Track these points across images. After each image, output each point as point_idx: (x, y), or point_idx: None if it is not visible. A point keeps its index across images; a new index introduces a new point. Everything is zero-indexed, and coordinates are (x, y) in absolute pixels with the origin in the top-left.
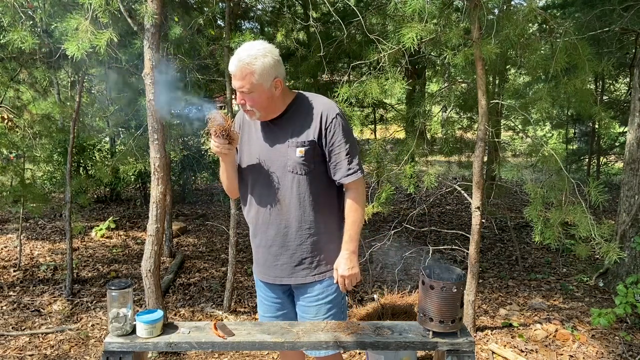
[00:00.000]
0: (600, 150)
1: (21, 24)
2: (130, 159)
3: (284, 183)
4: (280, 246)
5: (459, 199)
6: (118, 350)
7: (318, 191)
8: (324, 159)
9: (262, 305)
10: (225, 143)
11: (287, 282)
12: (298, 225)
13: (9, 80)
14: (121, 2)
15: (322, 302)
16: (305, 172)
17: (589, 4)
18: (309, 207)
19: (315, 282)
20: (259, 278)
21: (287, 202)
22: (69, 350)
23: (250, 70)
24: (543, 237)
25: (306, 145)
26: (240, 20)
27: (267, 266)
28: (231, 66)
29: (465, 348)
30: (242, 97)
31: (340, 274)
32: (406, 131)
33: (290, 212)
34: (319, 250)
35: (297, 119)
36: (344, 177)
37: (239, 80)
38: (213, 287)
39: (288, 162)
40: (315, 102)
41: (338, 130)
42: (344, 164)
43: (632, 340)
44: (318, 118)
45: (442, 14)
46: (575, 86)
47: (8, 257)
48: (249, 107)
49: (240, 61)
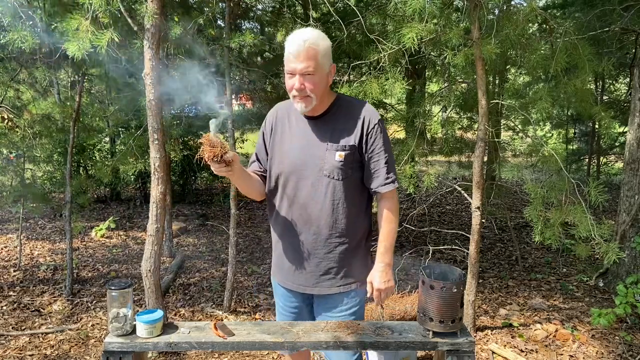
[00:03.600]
0: (600, 150)
1: (21, 24)
2: (130, 159)
3: (319, 187)
4: (308, 253)
5: (459, 199)
6: (118, 350)
7: (351, 199)
8: (361, 166)
9: (280, 313)
10: (221, 166)
11: (310, 291)
12: (329, 233)
13: (9, 80)
14: (121, 2)
15: (346, 314)
16: (342, 178)
17: (589, 4)
18: (342, 215)
19: (340, 293)
20: (280, 284)
21: (319, 207)
22: (69, 350)
23: (316, 49)
24: (543, 237)
25: (347, 150)
26: (240, 20)
27: (292, 273)
28: (294, 46)
29: (465, 348)
30: (303, 80)
31: (377, 287)
32: (406, 131)
33: (321, 218)
34: (346, 260)
35: (338, 121)
36: (382, 186)
37: (304, 60)
38: (213, 287)
39: (325, 166)
40: (357, 105)
41: (379, 137)
42: (382, 172)
43: (632, 340)
44: (360, 122)
45: (442, 14)
46: (575, 86)
47: (8, 257)
48: (309, 91)
49: (305, 40)
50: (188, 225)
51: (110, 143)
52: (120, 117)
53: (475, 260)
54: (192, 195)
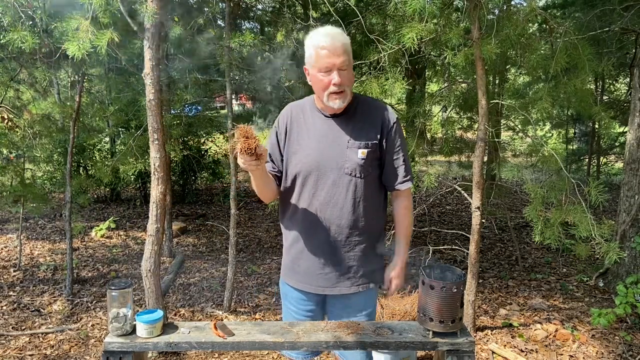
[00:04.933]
0: (600, 150)
1: (21, 24)
2: (130, 159)
3: (340, 185)
4: (329, 253)
5: (459, 199)
6: (118, 350)
7: (371, 197)
8: (380, 164)
9: (290, 317)
10: (252, 160)
11: (330, 292)
12: (349, 232)
13: (9, 80)
14: (121, 2)
15: (363, 314)
16: (363, 176)
17: (589, 4)
18: (362, 213)
19: (359, 292)
20: (296, 287)
21: (340, 206)
22: (69, 350)
23: (347, 44)
24: (543, 237)
25: (369, 147)
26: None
27: (310, 274)
28: (327, 40)
29: (465, 348)
30: (340, 76)
31: (396, 283)
32: (406, 131)
33: (343, 217)
34: (365, 259)
35: (358, 119)
36: (401, 183)
37: (341, 55)
38: (213, 287)
39: (346, 164)
40: (375, 103)
41: (398, 135)
42: (401, 170)
43: (632, 340)
44: (380, 120)
45: (442, 14)
46: (575, 86)
47: (8, 257)
48: (347, 87)
49: (334, 37)
50: (188, 225)
51: (110, 143)
52: (120, 117)
53: (475, 260)
54: (192, 195)
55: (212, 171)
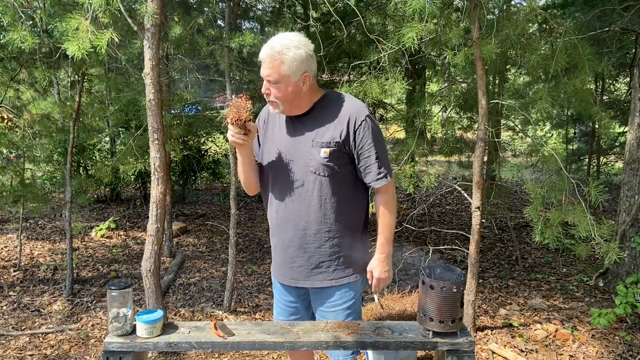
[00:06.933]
0: (600, 150)
1: (21, 24)
2: (130, 159)
3: (306, 183)
4: (298, 248)
5: (459, 199)
6: (118, 350)
7: (341, 194)
8: (351, 161)
9: (277, 307)
10: (240, 133)
11: (302, 285)
12: (317, 228)
13: (9, 80)
14: (121, 2)
15: (341, 309)
16: (328, 174)
17: (589, 4)
18: (330, 210)
19: (332, 287)
20: (275, 279)
21: (307, 203)
22: (69, 350)
23: (280, 59)
24: (543, 237)
25: (331, 147)
26: (240, 20)
27: (284, 267)
28: (262, 53)
29: (465, 348)
30: (268, 86)
31: (377, 277)
32: (406, 131)
33: (310, 213)
34: (338, 254)
35: (323, 118)
36: (374, 182)
37: (268, 68)
38: (213, 287)
39: (311, 163)
40: (344, 102)
41: (367, 133)
42: (373, 168)
43: (632, 340)
44: (346, 120)
45: (443, 13)
46: (575, 86)
47: (8, 257)
48: (273, 98)
49: (272, 49)
50: (188, 225)
51: (110, 143)
52: (120, 117)
53: (475, 260)
54: (192, 195)
55: (212, 171)
